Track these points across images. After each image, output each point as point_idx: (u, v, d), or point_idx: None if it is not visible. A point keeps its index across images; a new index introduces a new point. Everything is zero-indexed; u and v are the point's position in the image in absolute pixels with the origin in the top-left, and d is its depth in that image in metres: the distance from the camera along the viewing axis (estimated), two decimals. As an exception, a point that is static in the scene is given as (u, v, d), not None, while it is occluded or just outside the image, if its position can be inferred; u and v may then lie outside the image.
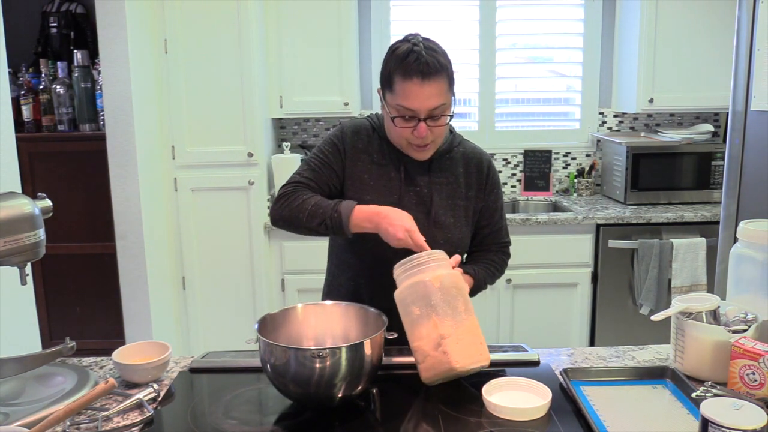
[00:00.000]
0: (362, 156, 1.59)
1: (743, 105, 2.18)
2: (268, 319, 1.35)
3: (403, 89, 1.44)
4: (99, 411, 1.22)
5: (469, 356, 1.29)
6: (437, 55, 1.45)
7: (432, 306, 1.29)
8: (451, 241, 1.57)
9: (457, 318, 1.30)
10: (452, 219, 1.60)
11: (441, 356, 1.28)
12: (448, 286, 1.32)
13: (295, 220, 1.50)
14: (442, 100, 1.47)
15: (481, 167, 1.65)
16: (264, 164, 3.11)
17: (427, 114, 1.46)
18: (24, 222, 1.27)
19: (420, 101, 1.44)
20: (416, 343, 1.31)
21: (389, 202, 1.54)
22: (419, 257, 1.35)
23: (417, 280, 1.32)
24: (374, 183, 1.57)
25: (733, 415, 1.01)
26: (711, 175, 3.30)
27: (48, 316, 3.17)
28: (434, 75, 1.43)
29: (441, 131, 1.52)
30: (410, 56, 1.43)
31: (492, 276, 1.66)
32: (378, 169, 1.58)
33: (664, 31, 3.24)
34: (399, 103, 1.46)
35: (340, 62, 3.23)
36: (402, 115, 1.47)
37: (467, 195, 1.63)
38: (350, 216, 1.45)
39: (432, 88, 1.44)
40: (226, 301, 3.15)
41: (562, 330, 3.20)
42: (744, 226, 1.41)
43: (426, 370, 1.31)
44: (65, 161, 3.10)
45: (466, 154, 1.65)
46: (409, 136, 1.49)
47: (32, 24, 3.32)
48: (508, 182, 3.72)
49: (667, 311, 1.37)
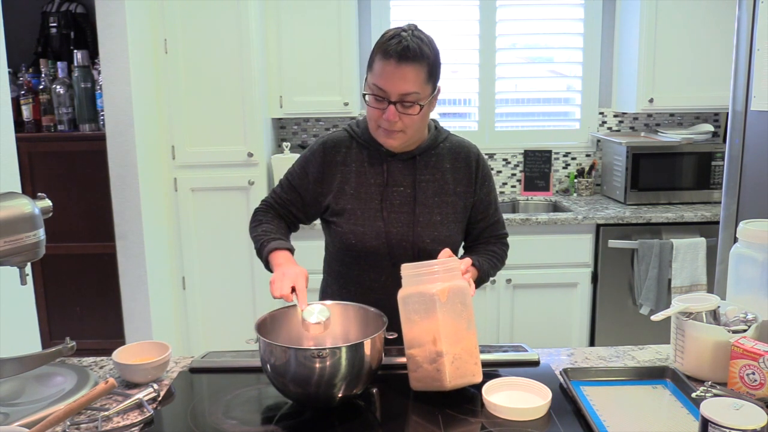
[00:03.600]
0: (340, 168, 1.59)
1: (743, 105, 2.18)
2: (268, 319, 1.35)
3: (380, 68, 1.44)
4: (99, 411, 1.22)
5: (462, 376, 1.29)
6: (422, 43, 1.44)
7: (435, 321, 1.27)
8: (439, 240, 1.55)
9: (458, 336, 1.28)
10: (439, 217, 1.58)
11: (434, 373, 1.28)
12: (454, 302, 1.29)
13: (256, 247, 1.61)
14: (415, 88, 1.44)
15: (469, 161, 1.62)
16: (264, 164, 3.11)
17: (397, 98, 1.44)
18: (24, 222, 1.27)
19: (392, 83, 1.43)
20: (411, 351, 1.31)
21: (371, 208, 1.55)
22: (431, 264, 1.32)
23: (424, 290, 1.28)
24: (354, 192, 1.57)
25: (733, 415, 1.01)
26: (711, 175, 3.30)
27: (48, 316, 3.17)
28: (412, 60, 1.42)
29: (411, 121, 1.48)
30: (394, 39, 1.43)
31: (494, 267, 1.65)
32: (357, 177, 1.58)
33: (664, 31, 3.24)
34: (374, 81, 1.46)
35: (340, 62, 3.23)
36: (375, 94, 1.47)
37: (455, 191, 1.60)
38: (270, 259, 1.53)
39: (407, 72, 1.42)
40: (226, 301, 3.15)
41: (562, 330, 3.20)
42: (744, 226, 1.41)
43: (417, 380, 1.31)
44: (65, 161, 3.10)
45: (452, 148, 1.62)
46: (379, 118, 1.48)
47: (32, 24, 3.32)
48: (508, 182, 3.72)
49: (667, 311, 1.37)
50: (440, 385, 1.28)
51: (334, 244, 1.63)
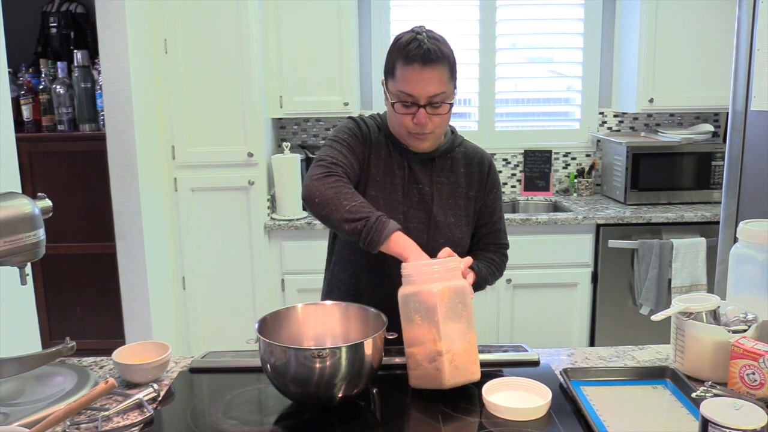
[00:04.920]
0: (374, 148, 1.59)
1: (743, 105, 2.18)
2: (268, 319, 1.35)
3: (404, 75, 1.45)
4: (99, 411, 1.22)
5: (461, 375, 1.30)
6: (439, 43, 1.47)
7: (435, 320, 1.27)
8: (452, 241, 1.57)
9: (458, 335, 1.29)
10: (453, 218, 1.60)
11: (434, 372, 1.28)
12: (454, 301, 1.29)
13: (335, 205, 1.40)
14: (442, 88, 1.47)
15: (482, 166, 1.65)
16: (264, 164, 3.11)
17: (426, 100, 1.46)
18: (24, 222, 1.27)
19: (420, 86, 1.45)
20: (411, 350, 1.31)
21: (394, 200, 1.56)
22: (431, 264, 1.32)
23: (425, 289, 1.28)
24: (380, 179, 1.57)
25: (733, 415, 1.01)
26: (711, 175, 3.30)
27: (48, 316, 3.17)
28: (435, 62, 1.44)
29: (441, 120, 1.51)
30: (412, 43, 1.45)
31: (492, 275, 1.65)
32: (385, 166, 1.58)
33: (664, 31, 3.24)
34: (400, 88, 1.47)
35: (340, 62, 3.23)
36: (402, 101, 1.48)
37: (468, 194, 1.63)
38: (390, 237, 1.37)
39: (432, 74, 1.45)
40: (226, 301, 3.15)
41: (562, 330, 3.20)
42: (744, 226, 1.41)
43: (416, 378, 1.32)
44: (65, 161, 3.10)
45: (467, 153, 1.66)
46: (408, 123, 1.50)
47: (32, 24, 3.32)
48: (508, 182, 3.72)
49: (667, 311, 1.37)
50: (439, 383, 1.28)
51: None
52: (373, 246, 1.38)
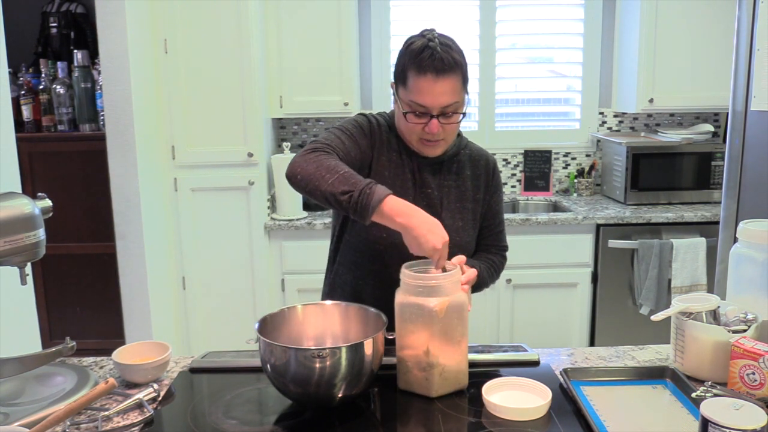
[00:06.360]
0: (384, 150, 1.56)
1: (743, 105, 2.18)
2: (268, 319, 1.35)
3: (416, 85, 1.43)
4: (99, 411, 1.22)
5: (450, 386, 1.31)
6: (452, 52, 1.44)
7: (429, 333, 1.27)
8: (459, 245, 1.55)
9: (451, 347, 1.29)
10: (461, 222, 1.59)
11: (423, 381, 1.30)
12: (451, 316, 1.28)
13: (318, 179, 1.33)
14: (455, 98, 1.45)
15: (487, 168, 1.65)
16: (264, 164, 3.11)
17: (439, 111, 1.45)
18: (24, 222, 1.27)
19: (433, 98, 1.43)
20: (403, 353, 1.32)
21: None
22: (430, 278, 1.29)
23: (423, 302, 1.27)
24: (391, 181, 1.54)
25: (733, 415, 1.01)
26: (711, 175, 3.30)
27: (48, 316, 3.17)
28: (448, 72, 1.42)
29: (453, 129, 1.51)
30: (425, 52, 1.42)
31: (491, 276, 1.65)
32: (396, 167, 1.56)
33: (664, 31, 3.24)
34: (412, 99, 1.45)
35: (340, 62, 3.23)
36: (414, 111, 1.47)
37: (475, 197, 1.62)
38: (382, 201, 1.29)
39: (445, 85, 1.43)
40: (226, 301, 3.15)
41: (562, 330, 3.20)
42: (744, 226, 1.41)
43: (404, 382, 1.33)
44: (65, 161, 3.10)
45: (472, 155, 1.65)
46: (420, 132, 1.49)
47: (32, 24, 3.32)
48: (508, 182, 3.72)
49: (667, 311, 1.37)
50: (426, 392, 1.30)
51: (358, 234, 1.56)
52: (363, 214, 1.30)
